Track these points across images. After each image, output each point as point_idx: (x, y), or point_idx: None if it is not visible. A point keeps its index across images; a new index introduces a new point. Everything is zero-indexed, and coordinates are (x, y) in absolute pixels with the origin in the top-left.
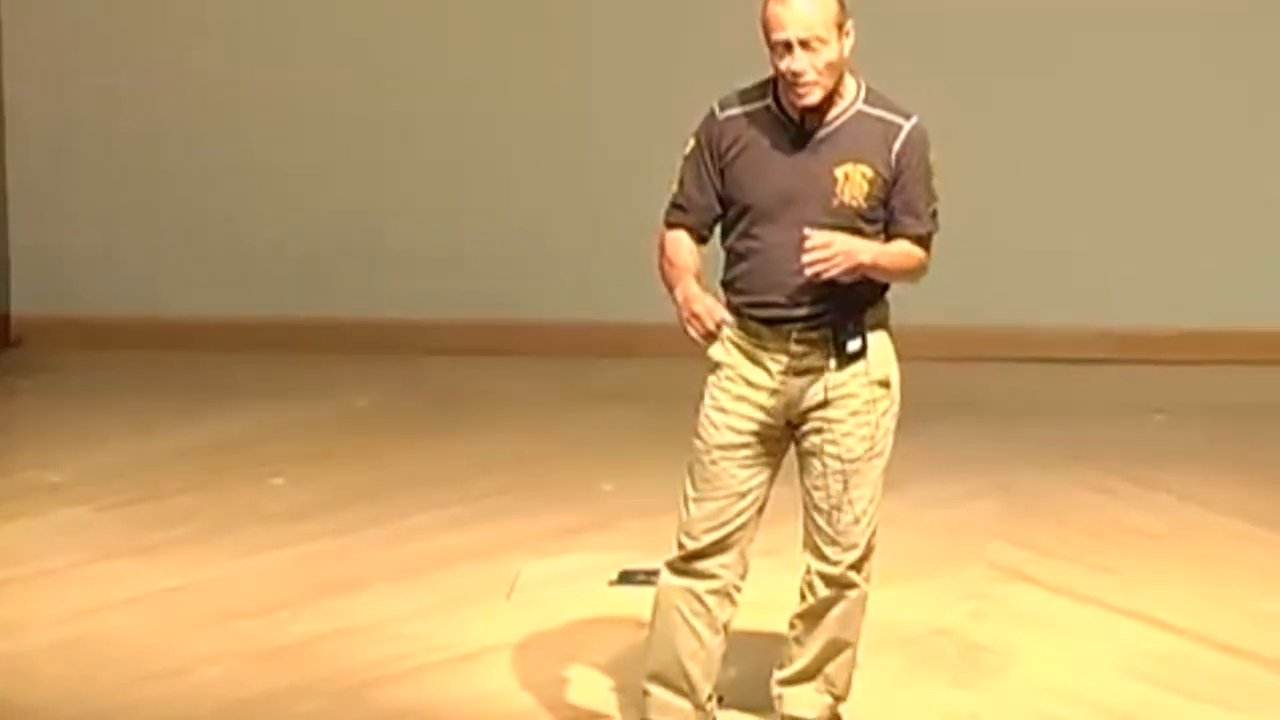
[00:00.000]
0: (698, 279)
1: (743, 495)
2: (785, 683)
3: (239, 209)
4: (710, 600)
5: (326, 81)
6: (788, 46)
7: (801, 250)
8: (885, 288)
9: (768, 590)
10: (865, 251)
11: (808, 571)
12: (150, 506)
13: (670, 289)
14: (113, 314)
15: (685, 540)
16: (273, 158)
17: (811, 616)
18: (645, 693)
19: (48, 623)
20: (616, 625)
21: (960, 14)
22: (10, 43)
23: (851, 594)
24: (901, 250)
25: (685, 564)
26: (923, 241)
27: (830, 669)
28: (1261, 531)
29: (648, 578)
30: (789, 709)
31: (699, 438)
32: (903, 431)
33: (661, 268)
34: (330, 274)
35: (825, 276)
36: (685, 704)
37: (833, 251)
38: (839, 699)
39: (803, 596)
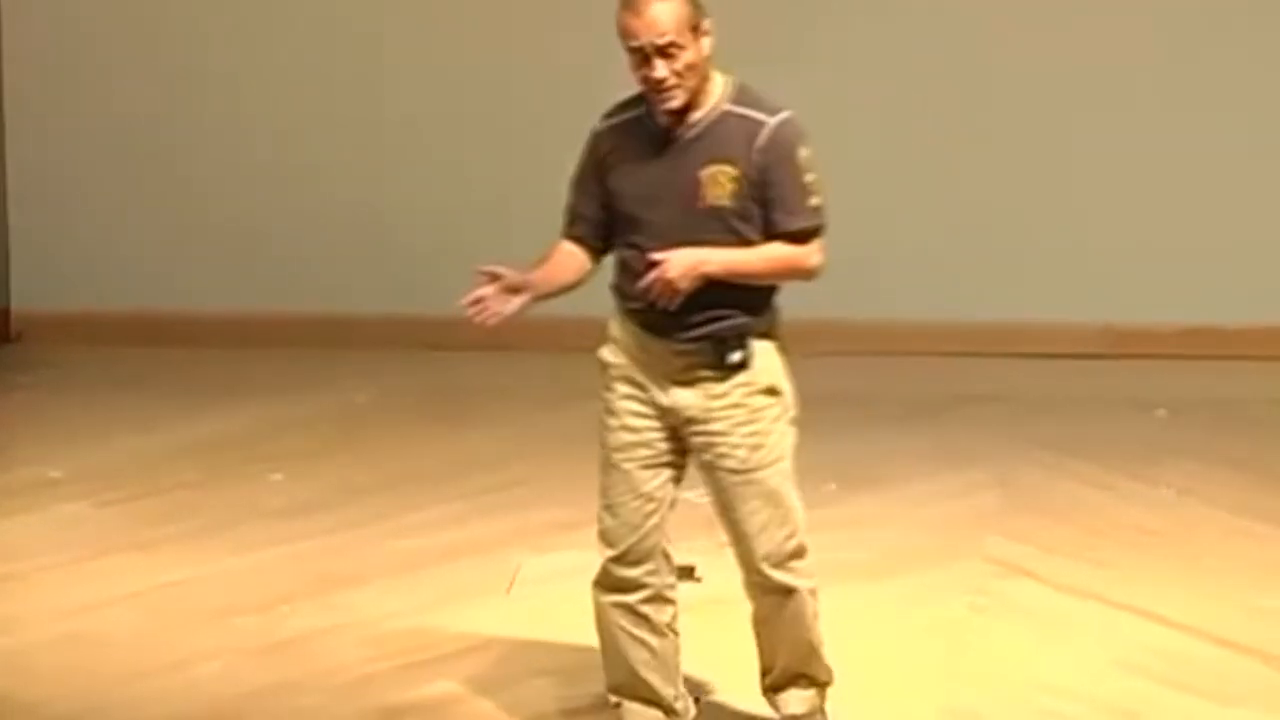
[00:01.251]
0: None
1: (650, 498)
2: (771, 690)
3: (239, 205)
4: (646, 609)
5: (327, 76)
6: (644, 55)
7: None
8: (771, 293)
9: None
10: (707, 263)
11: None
12: (150, 502)
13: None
14: (112, 309)
15: (606, 550)
16: (273, 153)
17: (765, 622)
18: (616, 704)
19: (47, 618)
20: None
21: (959, 9)
22: (10, 38)
23: (790, 596)
24: (768, 252)
25: (612, 577)
26: (801, 237)
27: (805, 668)
28: (1261, 527)
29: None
30: (784, 710)
31: (601, 443)
32: (902, 427)
33: None
34: (330, 269)
35: (666, 304)
36: (655, 711)
37: (664, 278)
38: (825, 684)
39: (752, 602)
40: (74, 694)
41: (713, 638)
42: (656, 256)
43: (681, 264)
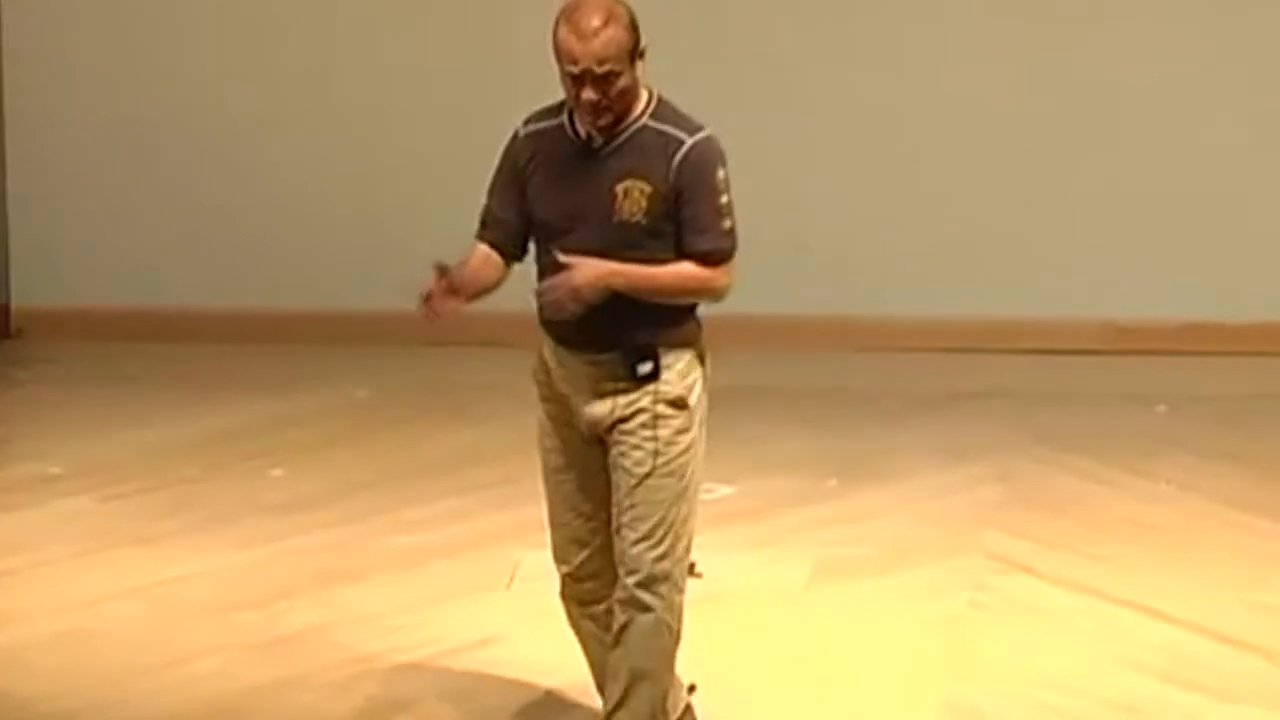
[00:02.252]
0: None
1: (589, 516)
2: (607, 717)
3: (238, 201)
4: (610, 620)
5: (324, 73)
6: (581, 78)
7: None
8: (690, 306)
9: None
10: (611, 276)
11: None
12: (150, 498)
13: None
14: (112, 305)
15: (560, 566)
16: (271, 150)
17: (614, 643)
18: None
19: (47, 613)
20: None
21: (964, 5)
22: (10, 35)
23: (643, 618)
24: (675, 271)
25: (571, 590)
26: (709, 259)
27: (632, 702)
28: (1262, 522)
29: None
30: None
31: (540, 458)
32: (902, 423)
33: None
34: (330, 265)
35: (559, 316)
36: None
37: (565, 287)
38: None
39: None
40: (73, 690)
41: (710, 633)
42: (566, 259)
43: (587, 274)
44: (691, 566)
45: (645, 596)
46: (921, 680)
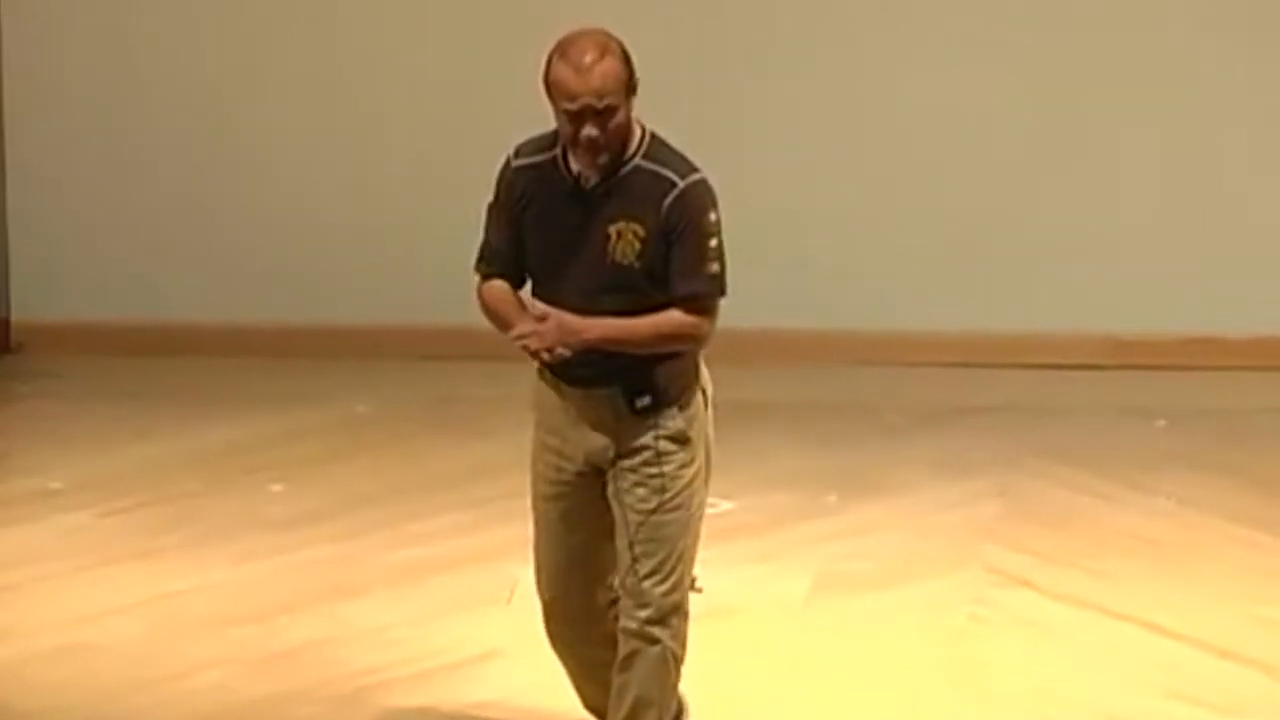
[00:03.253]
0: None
1: (569, 555)
2: None
3: (239, 215)
4: (602, 653)
5: (325, 87)
6: (580, 115)
7: (582, 309)
8: None
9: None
10: (588, 330)
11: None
12: (150, 512)
13: (508, 330)
14: (113, 320)
15: (540, 592)
16: (273, 164)
17: (620, 671)
18: None
19: (47, 628)
20: None
21: (966, 18)
22: (10, 50)
23: (651, 650)
24: (652, 322)
25: (549, 626)
26: (691, 303)
27: None
28: (1262, 537)
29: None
30: None
31: (530, 488)
32: (903, 437)
33: (489, 318)
34: (331, 279)
35: (545, 358)
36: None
37: (541, 339)
38: None
39: (619, 650)
40: (74, 704)
41: (711, 648)
42: (542, 312)
43: (558, 332)
44: (692, 581)
45: (655, 631)
46: (922, 694)
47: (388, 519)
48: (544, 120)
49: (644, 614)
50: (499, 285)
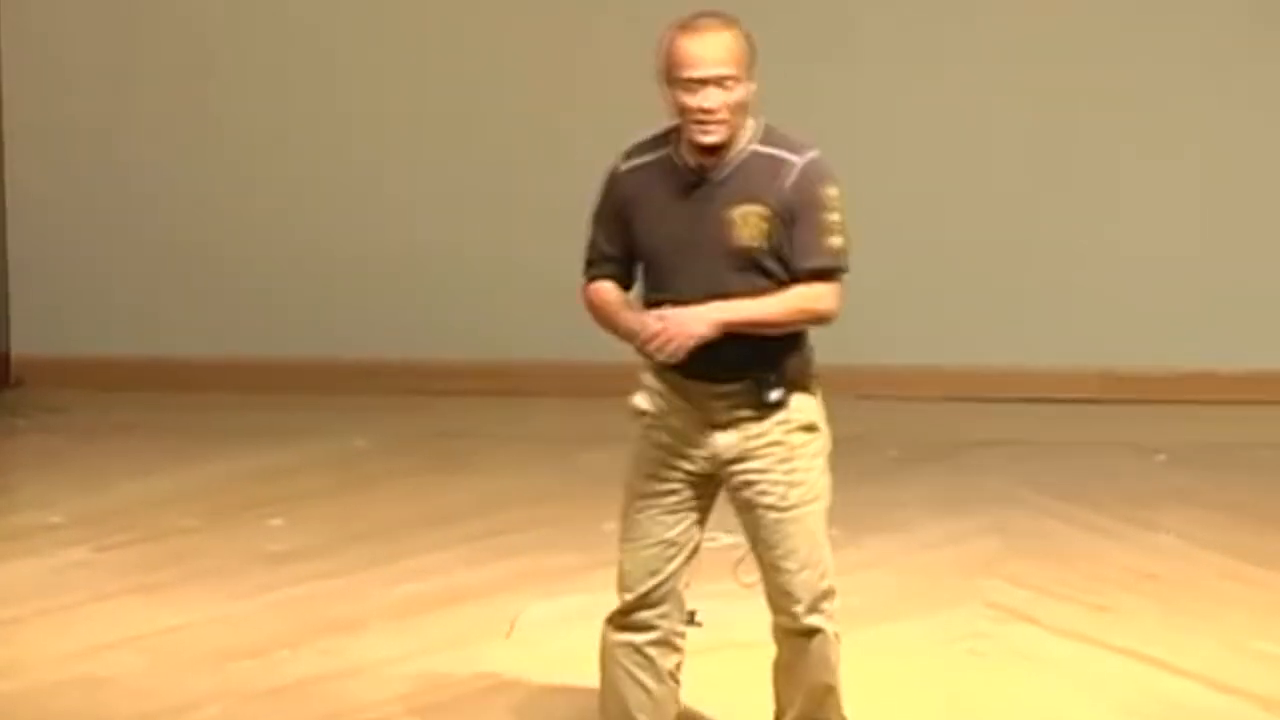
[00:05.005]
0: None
1: (671, 543)
2: None
3: (237, 251)
4: (652, 651)
5: (326, 122)
6: (701, 83)
7: (709, 298)
8: (805, 332)
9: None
10: (714, 315)
11: (772, 622)
12: (150, 547)
13: (616, 329)
14: (112, 355)
15: (624, 593)
16: (272, 199)
17: (786, 667)
18: None
19: (48, 662)
20: None
21: (961, 52)
22: (10, 83)
23: (813, 643)
24: (781, 297)
25: (624, 618)
26: (821, 277)
27: (820, 713)
28: (1261, 572)
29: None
30: None
31: (627, 487)
32: (902, 471)
33: (596, 318)
34: (330, 315)
35: (675, 358)
36: None
37: (666, 335)
38: None
39: (777, 645)
40: None
41: (711, 683)
42: (665, 315)
43: (698, 326)
44: (691, 615)
45: (815, 620)
46: None
47: (387, 553)
48: (548, 159)
49: (800, 608)
50: (607, 286)
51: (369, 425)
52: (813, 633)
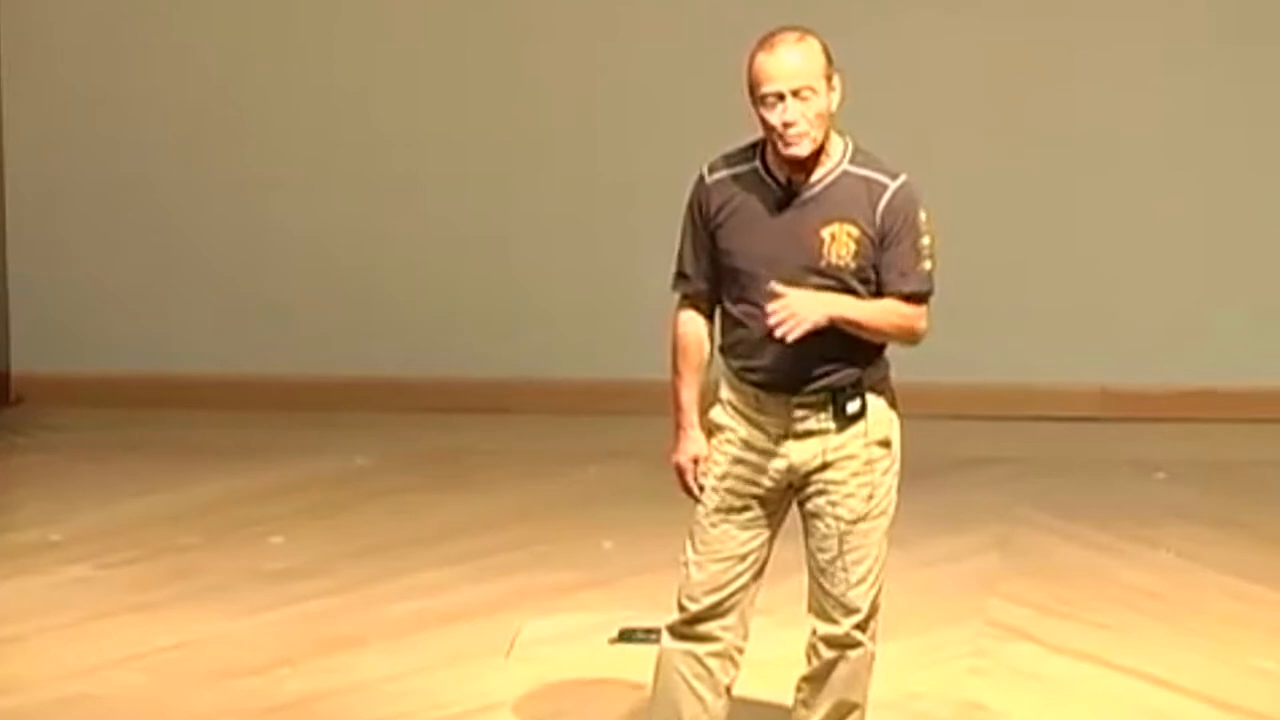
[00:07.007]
0: (701, 398)
1: (742, 558)
2: None
3: (239, 267)
4: (712, 663)
5: (327, 140)
6: (779, 97)
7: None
8: (882, 346)
9: (773, 648)
10: (829, 305)
11: (813, 634)
12: (150, 564)
13: (673, 396)
14: (113, 372)
15: (686, 603)
16: (274, 216)
17: (817, 679)
18: None
19: (49, 680)
20: (616, 683)
21: (963, 73)
22: (10, 101)
23: (855, 654)
24: (883, 306)
25: (686, 627)
26: (913, 299)
27: None
28: (1261, 590)
29: (647, 636)
30: None
31: (700, 501)
32: (902, 489)
33: (671, 354)
34: (330, 332)
35: (792, 336)
36: None
37: (790, 310)
38: None
39: (808, 659)
40: None
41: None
42: (781, 289)
43: (811, 305)
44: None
45: (859, 635)
46: None
47: (388, 571)
48: (545, 178)
49: (851, 620)
50: (692, 321)
51: (369, 443)
52: (854, 645)
